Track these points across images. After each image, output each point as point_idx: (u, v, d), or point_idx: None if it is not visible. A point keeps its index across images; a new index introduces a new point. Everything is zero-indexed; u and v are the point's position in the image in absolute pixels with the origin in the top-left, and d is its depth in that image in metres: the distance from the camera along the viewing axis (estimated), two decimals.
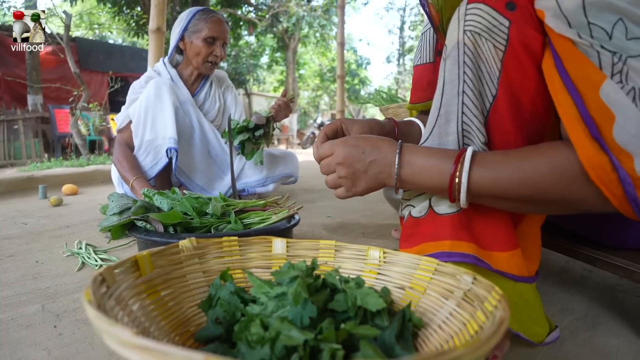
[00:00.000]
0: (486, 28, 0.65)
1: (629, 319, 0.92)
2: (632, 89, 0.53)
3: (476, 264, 0.68)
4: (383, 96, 2.14)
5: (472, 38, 0.66)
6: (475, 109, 0.68)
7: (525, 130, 0.68)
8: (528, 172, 0.62)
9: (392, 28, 22.08)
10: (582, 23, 0.56)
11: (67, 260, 1.28)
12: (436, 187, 0.69)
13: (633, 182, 0.54)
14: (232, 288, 0.59)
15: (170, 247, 0.64)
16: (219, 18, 1.97)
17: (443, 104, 0.72)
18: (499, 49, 0.65)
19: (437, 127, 0.73)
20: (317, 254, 0.75)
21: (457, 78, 0.69)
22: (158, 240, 1.05)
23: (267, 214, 1.22)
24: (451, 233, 0.71)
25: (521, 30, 0.63)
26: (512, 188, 0.63)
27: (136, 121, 1.82)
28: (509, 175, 0.63)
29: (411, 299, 0.65)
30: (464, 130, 0.69)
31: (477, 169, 0.65)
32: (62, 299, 0.98)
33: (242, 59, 16.55)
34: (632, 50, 0.54)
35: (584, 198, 0.60)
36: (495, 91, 0.67)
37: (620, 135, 0.54)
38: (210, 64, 1.99)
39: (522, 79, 0.65)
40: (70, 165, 4.19)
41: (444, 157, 0.68)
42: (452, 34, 0.70)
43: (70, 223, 1.81)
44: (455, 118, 0.70)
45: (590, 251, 0.89)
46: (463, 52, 0.68)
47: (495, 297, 0.51)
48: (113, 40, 20.21)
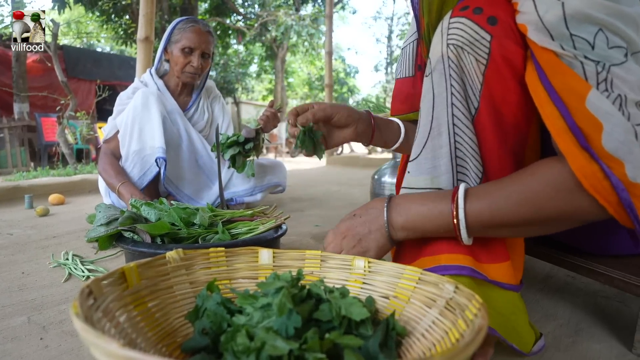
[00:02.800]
0: (468, 42, 0.66)
1: (610, 324, 0.94)
2: (618, 97, 0.55)
3: (473, 275, 0.69)
4: (370, 106, 2.17)
5: (455, 52, 0.68)
6: (466, 120, 0.69)
7: (508, 142, 0.70)
8: (524, 193, 0.64)
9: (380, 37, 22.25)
10: (564, 35, 0.58)
11: (53, 271, 1.27)
12: (439, 230, 0.70)
13: (626, 187, 0.55)
14: (218, 299, 0.59)
15: (157, 258, 0.65)
16: (198, 28, 1.94)
17: (435, 117, 0.72)
18: (481, 63, 0.66)
19: (430, 140, 0.74)
20: (303, 264, 0.76)
21: (445, 90, 0.70)
22: (145, 251, 1.05)
23: (255, 224, 1.23)
24: (447, 247, 0.72)
25: (502, 44, 0.65)
26: (511, 213, 0.64)
27: (123, 131, 1.81)
28: (505, 200, 0.65)
29: (395, 308, 0.66)
30: (457, 142, 0.70)
31: (473, 203, 0.67)
32: (49, 311, 0.98)
33: (231, 68, 16.53)
34: (615, 58, 0.56)
35: (582, 209, 0.61)
36: (477, 104, 0.68)
37: (609, 143, 0.55)
38: (190, 74, 1.96)
39: (503, 92, 0.67)
40: (57, 174, 4.15)
41: (439, 199, 0.70)
42: (435, 47, 0.71)
43: (56, 233, 1.80)
44: (447, 130, 0.71)
45: (573, 259, 0.91)
46: (448, 66, 0.69)
47: (475, 305, 0.52)
48: (101, 48, 20.11)
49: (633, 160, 0.55)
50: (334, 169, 6.13)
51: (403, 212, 0.73)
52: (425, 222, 0.71)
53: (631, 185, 0.55)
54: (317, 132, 0.96)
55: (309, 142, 0.95)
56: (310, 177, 4.84)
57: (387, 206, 0.74)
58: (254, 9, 15.87)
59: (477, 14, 0.66)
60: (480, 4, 0.66)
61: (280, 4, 15.62)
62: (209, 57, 2.01)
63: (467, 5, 0.68)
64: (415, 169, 0.76)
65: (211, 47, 2.00)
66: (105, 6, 10.54)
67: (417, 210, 0.71)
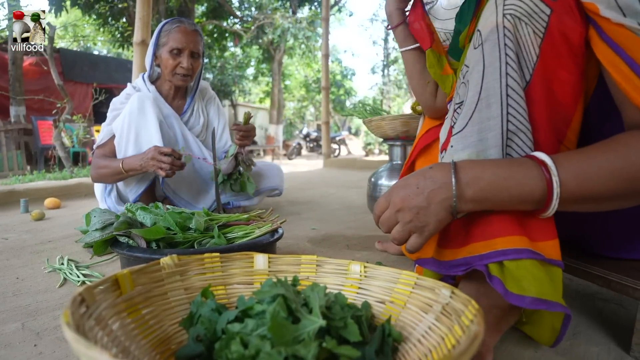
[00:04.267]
0: (527, 13, 0.66)
1: (608, 327, 0.94)
2: None
3: (532, 257, 0.64)
4: (367, 109, 2.16)
5: (512, 22, 0.67)
6: (521, 90, 0.67)
7: (553, 118, 0.69)
8: (617, 163, 0.61)
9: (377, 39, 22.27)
10: (637, 12, 0.61)
11: (48, 276, 1.26)
12: (515, 200, 0.65)
13: None
14: (213, 305, 0.59)
15: (152, 264, 0.64)
16: (184, 27, 1.89)
17: (484, 88, 0.70)
18: (538, 36, 0.66)
19: (477, 112, 0.70)
20: (299, 269, 0.76)
21: (499, 60, 0.68)
22: (140, 256, 1.04)
23: (251, 228, 1.23)
24: (500, 229, 0.68)
25: (562, 19, 0.65)
26: (602, 184, 0.62)
27: (119, 136, 1.79)
28: (597, 171, 0.62)
29: (391, 313, 0.66)
30: (509, 114, 0.67)
31: (562, 172, 0.62)
32: (43, 317, 0.97)
33: (228, 70, 16.54)
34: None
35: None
36: (529, 76, 0.68)
37: None
38: (180, 75, 1.93)
39: (556, 68, 0.67)
40: (53, 178, 4.14)
41: (517, 165, 0.65)
42: (489, 19, 0.70)
43: (52, 238, 1.79)
44: (499, 101, 0.68)
45: (569, 261, 0.91)
46: (504, 35, 0.68)
47: (471, 311, 0.52)
48: (98, 51, 20.08)
49: None
50: (331, 172, 6.12)
51: (474, 182, 0.65)
52: (502, 192, 0.64)
53: None
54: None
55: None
56: (307, 179, 4.83)
57: (455, 175, 0.66)
58: (250, 11, 15.88)
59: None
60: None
61: (277, 7, 15.64)
62: (199, 57, 1.96)
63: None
64: (460, 142, 0.73)
65: (200, 45, 1.95)
66: (101, 9, 10.53)
67: (491, 178, 0.64)
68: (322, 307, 0.54)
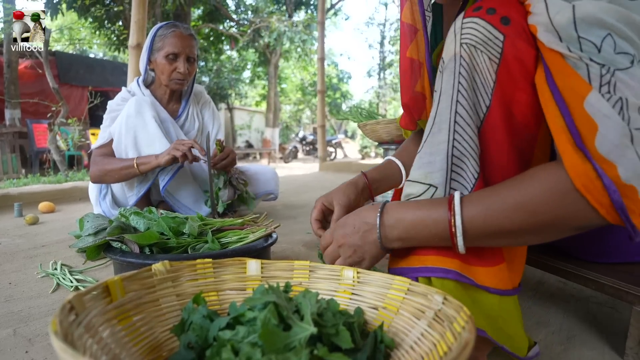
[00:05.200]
0: (482, 41, 0.67)
1: (602, 331, 0.95)
2: (619, 100, 0.55)
3: (458, 279, 0.69)
4: (362, 113, 2.17)
5: (468, 50, 0.68)
6: (469, 118, 0.69)
7: (517, 141, 0.70)
8: (519, 198, 0.63)
9: (373, 43, 22.34)
10: (572, 37, 0.58)
11: (41, 281, 1.26)
12: (434, 238, 0.70)
13: (618, 189, 0.55)
14: (204, 312, 0.59)
15: (143, 271, 0.64)
16: (179, 32, 1.88)
17: (437, 114, 0.73)
18: (494, 62, 0.66)
19: (430, 136, 0.74)
20: (292, 274, 0.75)
21: (452, 88, 0.70)
22: (134, 261, 1.04)
23: (245, 233, 1.22)
24: (436, 249, 0.72)
25: (515, 44, 0.65)
26: (505, 218, 0.64)
27: (117, 140, 1.78)
28: (500, 205, 0.64)
29: (384, 319, 0.66)
30: (455, 140, 0.70)
31: (469, 208, 0.66)
32: (35, 323, 0.97)
33: (224, 74, 16.54)
34: (620, 63, 0.56)
35: (575, 212, 0.60)
36: (489, 102, 0.68)
37: (602, 145, 0.55)
38: (178, 80, 1.92)
39: (514, 91, 0.67)
40: (47, 181, 4.12)
41: (434, 207, 0.69)
42: (449, 47, 0.72)
43: (45, 242, 1.78)
44: (447, 127, 0.70)
45: (563, 265, 0.91)
46: (459, 64, 0.69)
47: (463, 317, 0.52)
48: (94, 54, 20.05)
49: (626, 163, 0.55)
50: (327, 175, 6.12)
51: (397, 223, 0.72)
52: (420, 232, 0.70)
53: (624, 187, 0.55)
54: None
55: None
56: (303, 183, 4.83)
57: (380, 219, 0.74)
58: (246, 15, 15.93)
59: (490, 14, 0.66)
60: (494, 4, 0.67)
61: (273, 11, 15.68)
62: (194, 61, 1.96)
63: (480, 6, 0.68)
64: (417, 161, 0.76)
65: (195, 50, 1.95)
66: (97, 13, 10.52)
67: (411, 220, 0.71)
68: (314, 314, 0.54)
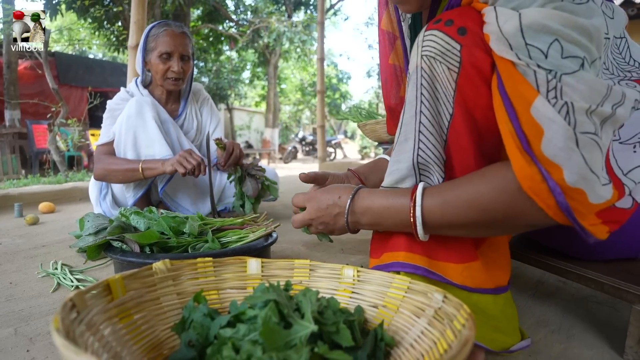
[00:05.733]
0: (440, 52, 0.69)
1: (601, 330, 0.95)
2: (565, 104, 0.57)
3: (427, 276, 0.73)
4: (362, 113, 2.17)
5: (428, 62, 0.71)
6: (432, 128, 0.72)
7: (482, 146, 0.72)
8: (472, 194, 0.67)
9: (372, 43, 22.27)
10: (520, 45, 0.60)
11: (42, 281, 1.26)
12: (399, 225, 0.75)
13: (563, 191, 0.57)
14: (205, 310, 0.59)
15: (144, 269, 0.64)
16: (171, 31, 1.87)
17: (403, 124, 0.76)
18: (453, 71, 0.69)
19: (398, 144, 0.77)
20: (292, 273, 0.76)
21: (415, 99, 0.73)
22: (134, 260, 1.04)
23: (245, 232, 1.22)
24: (406, 245, 0.76)
25: (471, 52, 0.67)
26: (459, 212, 0.68)
27: (117, 140, 1.78)
28: (455, 200, 0.68)
29: (384, 317, 0.66)
30: (420, 149, 0.73)
31: (428, 200, 0.70)
32: (36, 322, 0.97)
33: (224, 74, 16.53)
34: (567, 67, 0.58)
35: (524, 211, 0.63)
36: (452, 110, 0.71)
37: (548, 149, 0.57)
38: (172, 80, 1.90)
39: (475, 97, 0.69)
40: (47, 182, 4.12)
41: (399, 195, 0.74)
42: (412, 60, 0.75)
43: (46, 242, 1.78)
44: (413, 136, 0.74)
45: (562, 264, 0.91)
46: (420, 76, 0.72)
47: (463, 315, 0.52)
48: (93, 55, 20.03)
49: (571, 166, 0.57)
50: None
51: (366, 212, 0.78)
52: (388, 219, 0.75)
53: (569, 189, 0.57)
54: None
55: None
56: (302, 183, 4.82)
57: (350, 206, 0.80)
58: (246, 15, 15.90)
59: (448, 26, 0.69)
60: (452, 16, 0.70)
61: (272, 11, 15.65)
62: (189, 59, 1.94)
63: (440, 18, 0.71)
64: (388, 169, 0.80)
65: (189, 48, 1.93)
66: (97, 13, 10.50)
67: (378, 208, 0.76)
68: (314, 312, 0.54)
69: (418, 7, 0.90)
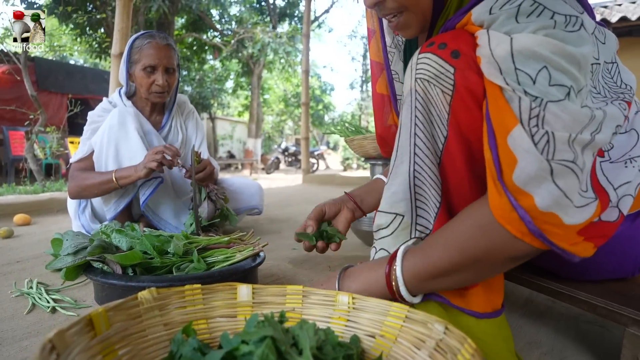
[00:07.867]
0: (434, 75, 0.69)
1: (594, 351, 0.94)
2: (546, 133, 0.57)
3: (436, 299, 0.73)
4: (348, 127, 2.15)
5: (422, 85, 0.71)
6: (427, 150, 0.72)
7: (477, 169, 0.71)
8: (451, 236, 0.67)
9: (356, 55, 22.55)
10: (510, 69, 0.60)
11: (15, 301, 1.20)
12: (384, 294, 0.74)
13: (534, 216, 0.58)
14: (195, 344, 0.55)
15: (128, 300, 0.60)
16: (156, 43, 1.80)
17: (399, 146, 0.76)
18: (447, 94, 0.69)
19: (394, 167, 0.77)
20: (285, 300, 0.73)
21: (410, 122, 0.73)
22: (116, 283, 0.99)
23: (232, 252, 1.19)
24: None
25: (465, 76, 0.67)
26: (440, 259, 0.67)
27: (98, 151, 1.71)
28: (434, 248, 0.69)
29: (382, 347, 0.64)
30: (415, 171, 0.73)
31: (409, 260, 0.71)
32: (9, 348, 0.91)
33: (207, 83, 16.45)
34: (553, 95, 0.58)
35: (503, 244, 0.63)
36: (446, 132, 0.71)
37: (519, 178, 0.58)
38: (157, 93, 1.84)
39: (469, 120, 0.69)
40: (23, 191, 4.01)
41: (379, 265, 0.76)
42: (406, 82, 0.75)
43: (20, 258, 1.71)
44: (408, 159, 0.74)
45: (554, 285, 0.90)
46: (415, 98, 0.72)
47: (468, 350, 0.50)
48: (74, 61, 19.74)
49: (542, 193, 0.57)
50: (310, 187, 6.10)
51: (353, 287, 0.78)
52: (373, 293, 0.74)
53: (542, 214, 0.57)
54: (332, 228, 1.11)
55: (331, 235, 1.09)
56: (286, 195, 4.80)
57: (339, 283, 0.80)
58: (230, 25, 15.92)
59: (441, 49, 0.69)
60: (445, 39, 0.70)
61: (257, 22, 15.71)
62: (174, 72, 1.88)
63: (433, 41, 0.71)
64: (384, 192, 0.80)
65: (174, 60, 1.87)
66: (79, 19, 10.37)
67: (362, 286, 0.77)
68: (313, 347, 0.51)
69: (418, 31, 0.90)
